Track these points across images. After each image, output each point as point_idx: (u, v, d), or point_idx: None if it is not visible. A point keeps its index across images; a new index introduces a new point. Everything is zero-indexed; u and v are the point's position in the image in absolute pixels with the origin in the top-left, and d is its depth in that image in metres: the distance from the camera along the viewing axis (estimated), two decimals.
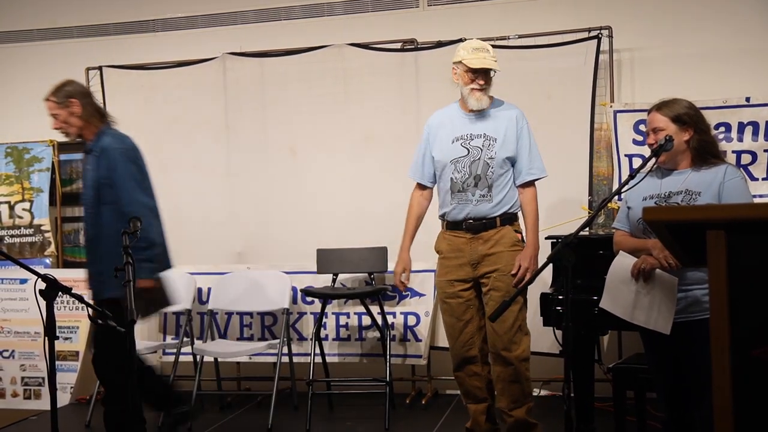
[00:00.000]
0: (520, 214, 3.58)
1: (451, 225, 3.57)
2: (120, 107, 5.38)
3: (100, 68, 5.40)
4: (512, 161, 3.51)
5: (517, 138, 3.49)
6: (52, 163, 5.47)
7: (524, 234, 3.58)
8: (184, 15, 5.55)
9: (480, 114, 3.52)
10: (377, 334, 4.78)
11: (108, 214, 3.42)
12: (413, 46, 5.06)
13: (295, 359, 4.76)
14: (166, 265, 3.52)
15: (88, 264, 3.57)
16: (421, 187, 3.74)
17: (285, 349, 4.62)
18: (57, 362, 2.79)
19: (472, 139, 3.51)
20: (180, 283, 4.94)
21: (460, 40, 4.85)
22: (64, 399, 5.06)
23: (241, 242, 5.30)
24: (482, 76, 3.45)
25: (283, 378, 4.63)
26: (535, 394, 3.62)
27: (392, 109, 5.05)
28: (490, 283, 3.47)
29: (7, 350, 5.22)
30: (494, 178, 3.47)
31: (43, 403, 5.08)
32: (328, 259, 4.84)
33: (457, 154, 3.52)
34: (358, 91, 5.11)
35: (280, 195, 5.25)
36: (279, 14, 5.42)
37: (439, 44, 4.95)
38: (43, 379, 5.14)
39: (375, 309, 4.64)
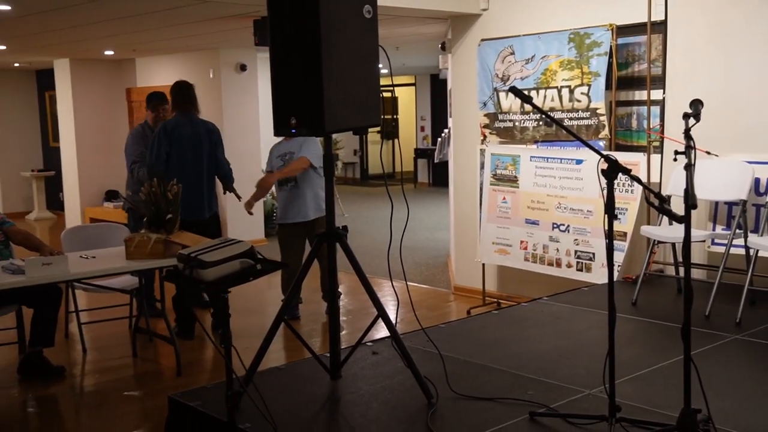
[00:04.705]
0: None
1: None
2: None
3: None
4: None
5: None
6: (610, 47, 5.56)
7: None
8: None
9: None
10: None
11: None
12: None
13: None
14: None
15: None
16: None
17: None
18: None
19: None
20: (735, 171, 4.69)
21: None
22: None
23: None
24: None
25: None
26: None
27: None
28: None
29: (563, 224, 5.67)
30: None
31: (592, 277, 5.44)
32: None
33: None
34: None
35: None
36: None
37: None
38: (593, 254, 5.47)
39: None
